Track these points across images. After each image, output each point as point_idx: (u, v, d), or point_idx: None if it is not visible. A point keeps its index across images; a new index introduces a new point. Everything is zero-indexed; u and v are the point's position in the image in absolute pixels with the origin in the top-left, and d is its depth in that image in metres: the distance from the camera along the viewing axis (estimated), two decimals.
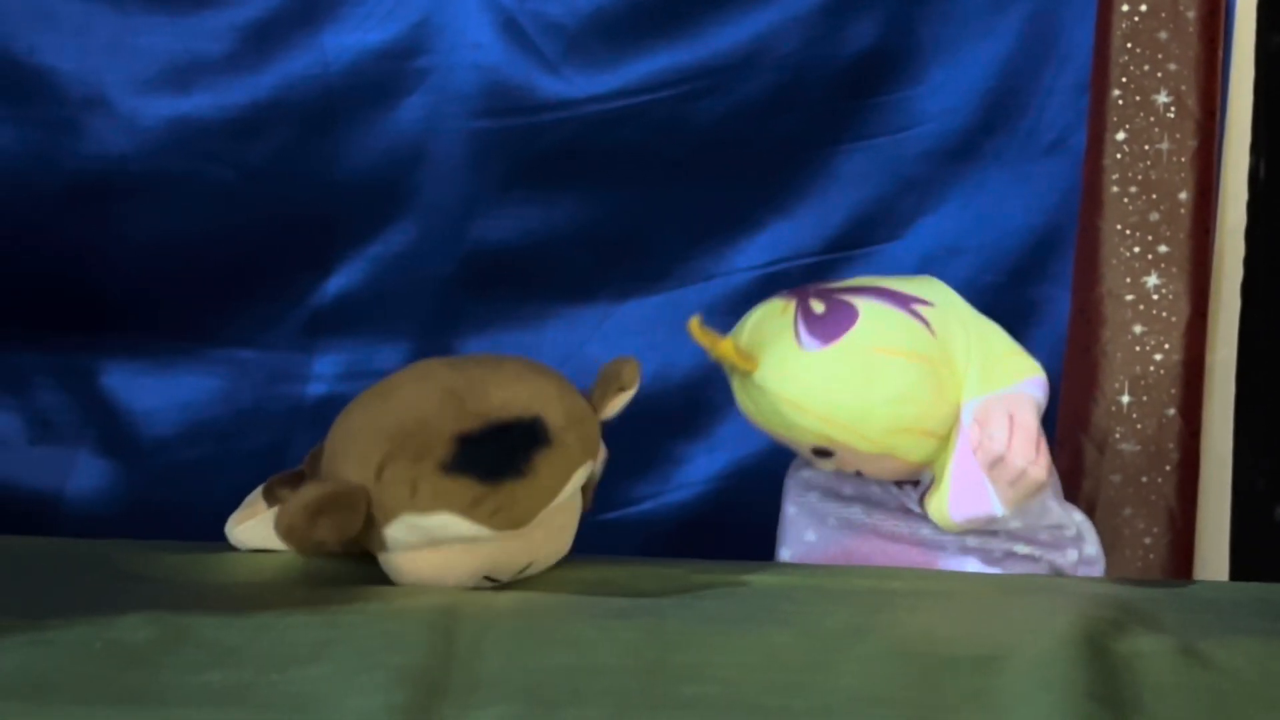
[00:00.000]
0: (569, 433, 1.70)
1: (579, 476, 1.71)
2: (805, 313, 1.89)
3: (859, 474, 1.96)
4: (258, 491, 1.85)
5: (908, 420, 1.88)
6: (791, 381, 1.88)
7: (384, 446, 1.67)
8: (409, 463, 1.65)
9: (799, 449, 1.94)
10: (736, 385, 1.93)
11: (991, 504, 1.89)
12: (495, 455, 1.66)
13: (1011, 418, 1.88)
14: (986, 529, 1.94)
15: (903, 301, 1.91)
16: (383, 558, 1.71)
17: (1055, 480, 1.98)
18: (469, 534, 1.67)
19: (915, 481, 1.95)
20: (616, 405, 1.80)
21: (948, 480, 1.90)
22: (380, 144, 2.39)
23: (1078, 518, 1.98)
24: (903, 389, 1.87)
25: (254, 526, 1.82)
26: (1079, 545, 1.96)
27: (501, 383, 1.71)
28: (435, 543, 1.68)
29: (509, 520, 1.67)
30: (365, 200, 2.40)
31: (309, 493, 1.65)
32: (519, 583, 1.71)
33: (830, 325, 1.87)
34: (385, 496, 1.66)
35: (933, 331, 1.90)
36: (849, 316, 1.88)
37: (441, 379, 1.72)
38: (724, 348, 1.89)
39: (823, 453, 1.90)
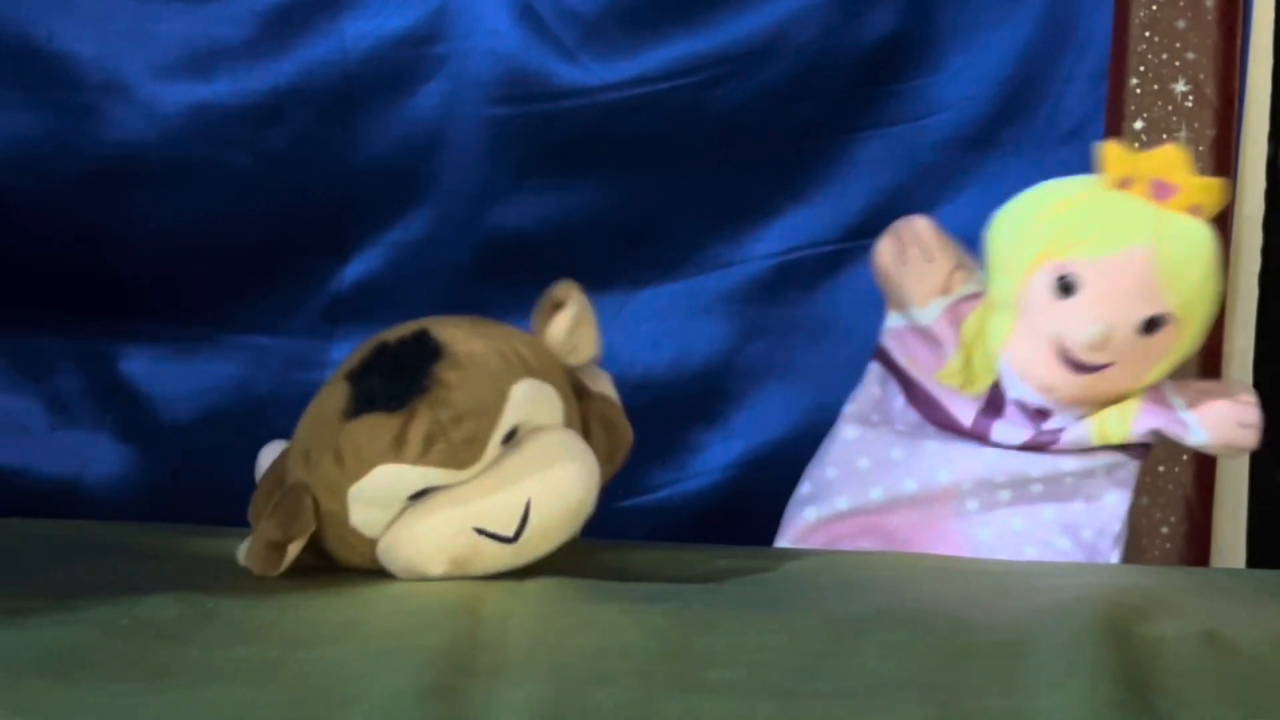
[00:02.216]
0: (475, 343, 1.62)
1: (522, 392, 1.62)
2: None
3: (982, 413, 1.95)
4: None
5: (1184, 359, 1.94)
6: (1216, 246, 1.92)
7: (305, 435, 1.64)
8: (322, 431, 1.60)
9: (1115, 306, 1.89)
10: (1153, 213, 1.90)
11: (1186, 429, 1.93)
12: (386, 379, 1.59)
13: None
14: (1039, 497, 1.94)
15: None
16: (375, 554, 1.65)
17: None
18: (420, 481, 1.59)
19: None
20: (561, 327, 1.73)
21: (1137, 401, 1.93)
22: (398, 131, 2.39)
23: (1127, 519, 2.00)
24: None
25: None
26: (1112, 552, 1.97)
27: (394, 330, 1.66)
28: (402, 508, 1.60)
29: (452, 450, 1.58)
30: (383, 187, 2.40)
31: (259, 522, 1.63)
32: (541, 567, 1.68)
33: None
34: (320, 482, 1.60)
35: None
36: None
37: (346, 360, 1.69)
38: (1217, 187, 1.94)
39: (1154, 323, 1.89)
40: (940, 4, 2.37)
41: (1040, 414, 1.95)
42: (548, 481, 1.63)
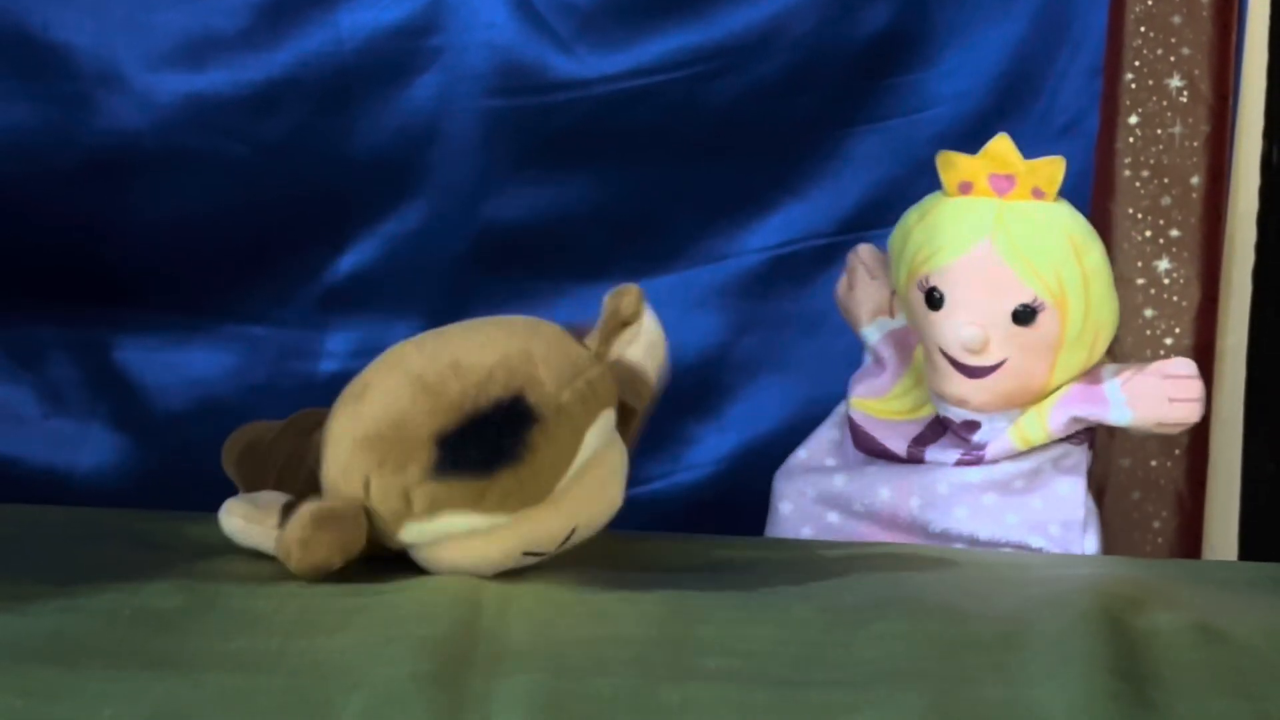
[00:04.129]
0: (564, 394, 1.58)
1: (595, 432, 1.61)
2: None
3: (915, 442, 1.96)
4: (275, 504, 1.71)
5: (1104, 330, 1.93)
6: (1080, 226, 1.92)
7: (365, 460, 1.57)
8: (393, 474, 1.56)
9: (985, 306, 1.89)
10: (990, 208, 1.91)
11: (1109, 408, 1.91)
12: (481, 449, 1.55)
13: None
14: (1001, 511, 1.94)
15: None
16: (411, 553, 1.64)
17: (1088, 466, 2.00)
18: (485, 525, 1.58)
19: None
20: (626, 341, 1.71)
21: (1055, 396, 1.92)
22: (394, 122, 2.39)
23: (1090, 502, 1.99)
24: (1117, 305, 1.96)
25: (255, 531, 1.69)
26: (1083, 539, 1.96)
27: (472, 359, 1.58)
28: (455, 538, 1.60)
29: (523, 501, 1.58)
30: (378, 178, 2.40)
31: (305, 515, 1.57)
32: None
33: None
34: (382, 509, 1.58)
35: None
36: None
37: (410, 366, 1.60)
38: (1055, 164, 1.92)
39: (1028, 313, 1.88)
40: None
41: (969, 426, 1.96)
42: (594, 508, 1.66)
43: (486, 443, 1.55)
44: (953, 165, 1.94)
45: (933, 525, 1.95)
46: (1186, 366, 1.94)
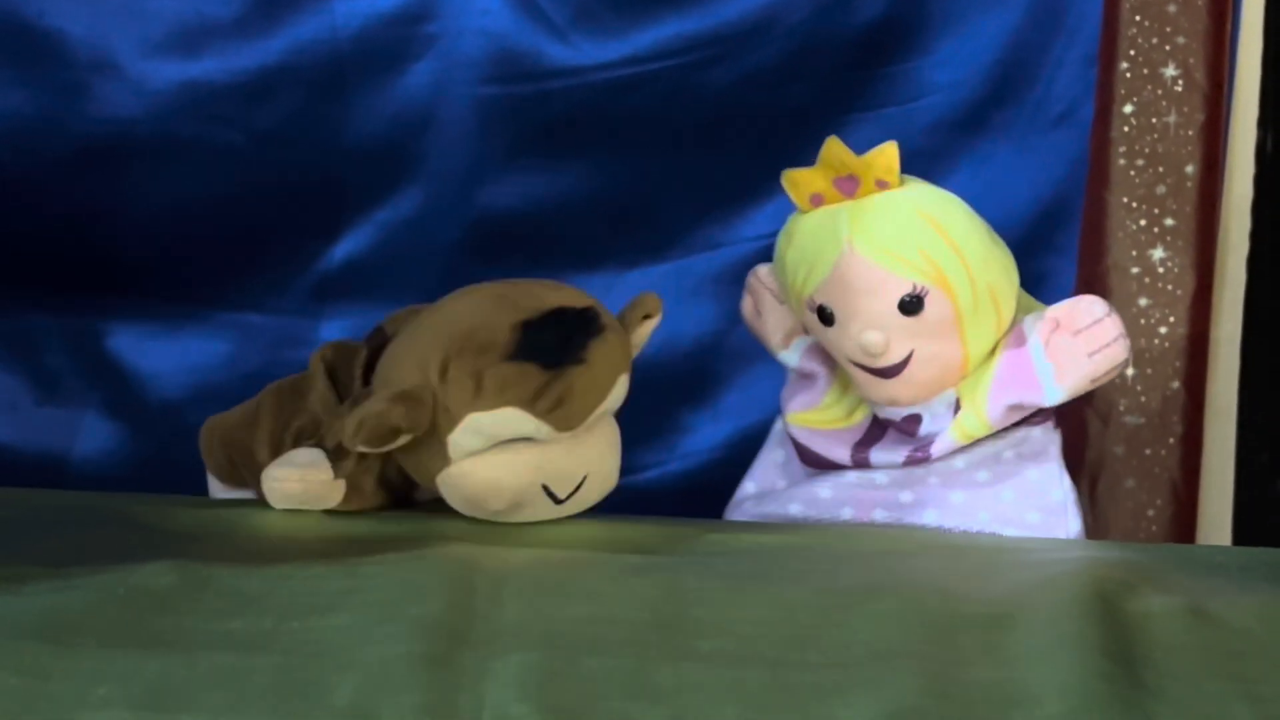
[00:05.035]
0: (614, 330, 1.75)
1: (622, 382, 1.77)
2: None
3: (858, 446, 1.96)
4: (316, 457, 1.80)
5: (1002, 289, 1.88)
6: (935, 201, 1.88)
7: (445, 346, 1.71)
8: (473, 356, 1.70)
9: (870, 311, 1.86)
10: (843, 214, 1.87)
11: (1043, 391, 1.88)
12: (556, 339, 1.71)
13: (1106, 303, 1.88)
14: (972, 508, 1.93)
15: None
16: (441, 475, 1.74)
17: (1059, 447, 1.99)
18: (530, 431, 1.72)
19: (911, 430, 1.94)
20: (644, 333, 1.84)
21: (988, 380, 1.89)
22: (388, 110, 2.39)
23: (1067, 483, 1.97)
24: (1009, 259, 1.89)
25: (314, 485, 1.78)
26: (1066, 523, 1.95)
27: (548, 287, 1.78)
28: (492, 454, 1.72)
29: (565, 416, 1.72)
30: (373, 166, 2.40)
31: (383, 392, 1.70)
32: (534, 538, 1.71)
33: None
34: (450, 397, 1.70)
35: None
36: None
37: (490, 290, 1.78)
38: (889, 152, 1.87)
39: (915, 300, 1.86)
40: None
41: (912, 420, 1.95)
42: (603, 463, 1.81)
43: (562, 335, 1.72)
44: (796, 183, 1.90)
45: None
46: (1090, 311, 1.88)
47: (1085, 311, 1.88)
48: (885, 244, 1.86)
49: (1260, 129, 2.31)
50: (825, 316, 1.90)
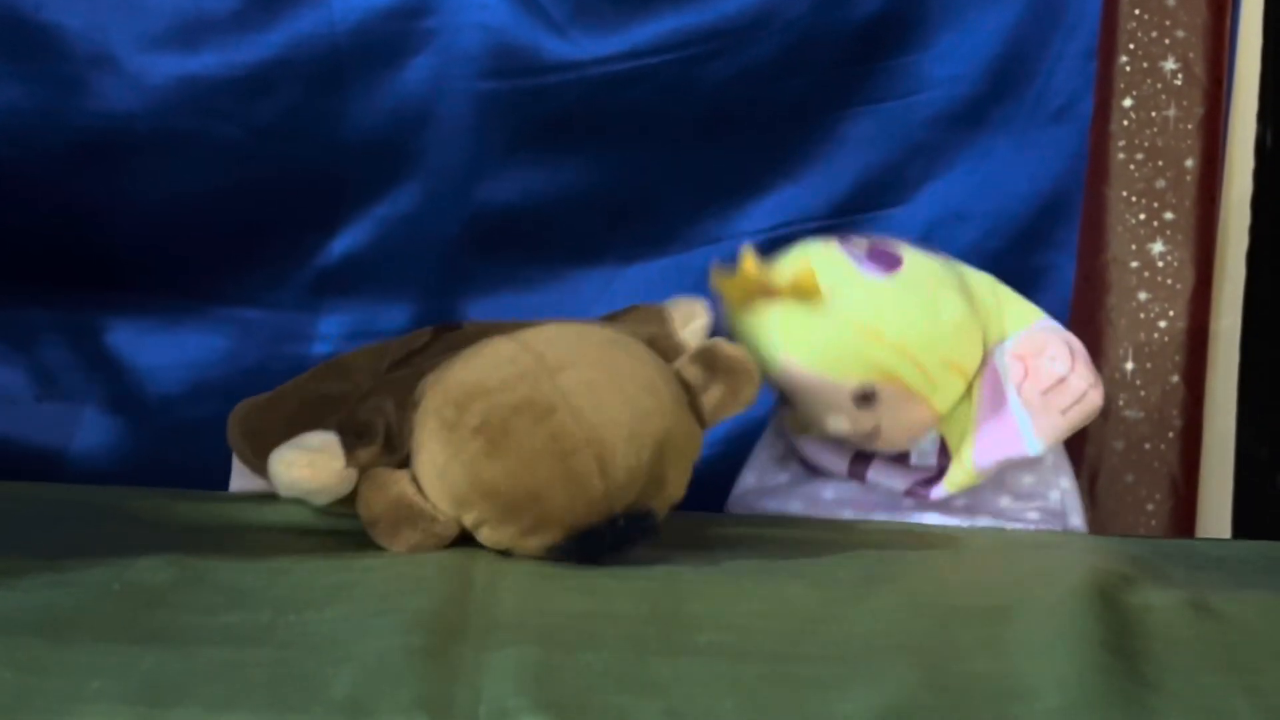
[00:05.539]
0: (679, 493, 1.71)
1: None
2: (851, 249, 1.87)
3: (855, 460, 1.95)
4: (329, 443, 1.72)
5: (959, 353, 1.85)
6: (864, 307, 1.83)
7: (487, 510, 1.64)
8: (515, 537, 1.64)
9: (823, 404, 1.87)
10: (774, 325, 1.85)
11: (1023, 443, 1.88)
12: (600, 550, 1.63)
13: (1069, 344, 1.87)
14: (973, 510, 1.93)
15: (920, 247, 1.92)
16: None
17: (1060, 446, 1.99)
18: None
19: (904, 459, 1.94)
20: (696, 335, 1.82)
21: (972, 431, 1.89)
22: (387, 104, 2.38)
23: (1065, 484, 1.98)
24: (960, 318, 1.85)
25: (323, 473, 1.70)
26: (1064, 520, 1.95)
27: (615, 442, 1.64)
28: None
29: None
30: (371, 161, 2.40)
31: (395, 505, 1.64)
32: None
33: (882, 259, 1.86)
34: (485, 542, 1.66)
35: (959, 271, 1.91)
36: (894, 250, 1.87)
37: (552, 425, 1.63)
38: (804, 275, 1.82)
39: (865, 397, 1.85)
40: None
41: (900, 456, 1.95)
42: None
43: (607, 546, 1.63)
44: (725, 291, 1.87)
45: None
46: (1050, 370, 1.87)
47: (1047, 372, 1.87)
48: (820, 355, 1.84)
49: (1260, 123, 2.31)
50: (784, 398, 1.90)
